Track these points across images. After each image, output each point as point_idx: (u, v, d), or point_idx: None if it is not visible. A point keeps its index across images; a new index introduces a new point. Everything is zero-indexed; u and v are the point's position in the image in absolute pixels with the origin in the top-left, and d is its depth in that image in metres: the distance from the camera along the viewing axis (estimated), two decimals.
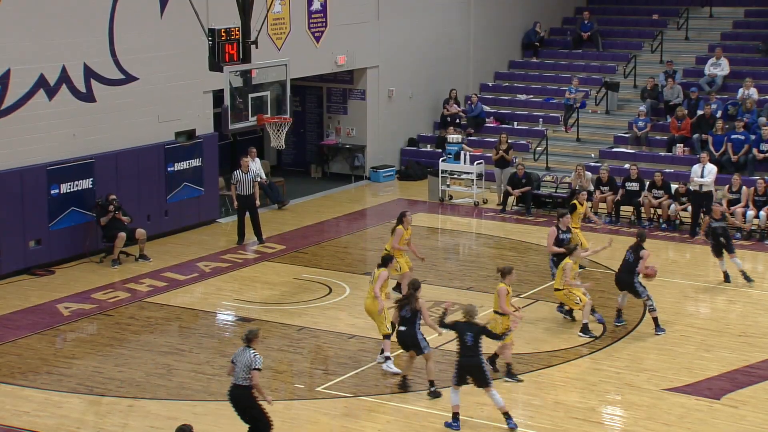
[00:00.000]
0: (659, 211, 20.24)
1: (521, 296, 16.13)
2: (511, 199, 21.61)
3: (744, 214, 19.36)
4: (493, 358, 13.07)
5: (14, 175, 17.04)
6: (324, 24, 22.69)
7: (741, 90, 22.99)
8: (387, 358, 13.19)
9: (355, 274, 17.15)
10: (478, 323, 11.72)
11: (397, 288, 15.61)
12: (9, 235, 16.98)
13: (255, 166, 21.61)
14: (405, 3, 24.60)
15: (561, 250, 15.15)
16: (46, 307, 15.79)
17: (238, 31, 14.90)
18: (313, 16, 22.45)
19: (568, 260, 14.46)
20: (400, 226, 15.33)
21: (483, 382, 11.55)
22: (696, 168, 19.46)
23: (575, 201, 16.83)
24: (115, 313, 15.55)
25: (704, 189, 19.21)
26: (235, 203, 18.97)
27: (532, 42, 27.88)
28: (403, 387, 12.67)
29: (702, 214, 19.35)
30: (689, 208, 19.74)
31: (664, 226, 20.06)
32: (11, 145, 17.06)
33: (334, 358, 13.83)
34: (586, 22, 27.69)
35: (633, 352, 13.93)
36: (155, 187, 19.24)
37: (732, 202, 19.55)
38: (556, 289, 14.57)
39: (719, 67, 24.33)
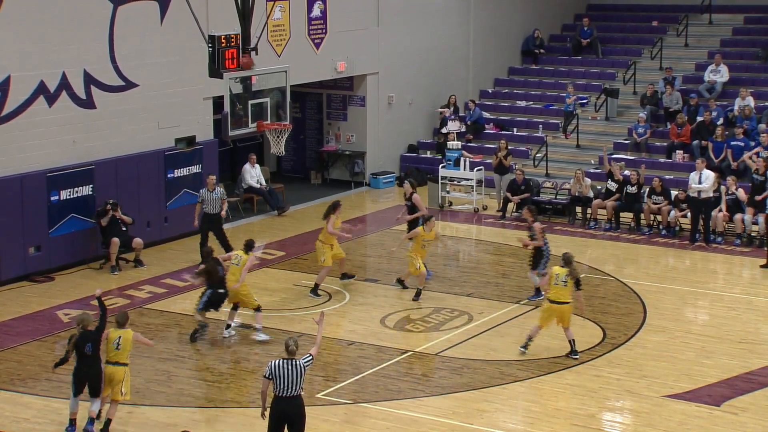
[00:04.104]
0: (659, 218, 20.23)
1: (520, 303, 16.14)
2: (510, 206, 21.61)
3: (743, 220, 19.36)
4: None
5: (14, 182, 17.05)
6: (324, 30, 22.72)
7: (737, 100, 22.99)
8: (258, 329, 14.58)
9: (355, 281, 17.13)
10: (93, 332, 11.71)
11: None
12: (9, 241, 16.98)
13: (255, 172, 21.65)
14: (405, 10, 24.63)
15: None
16: (46, 314, 15.78)
17: (238, 37, 14.92)
18: (312, 22, 22.48)
19: (420, 228, 16.07)
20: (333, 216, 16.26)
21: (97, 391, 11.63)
22: (693, 175, 19.43)
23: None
24: (115, 319, 15.50)
25: (702, 195, 19.19)
26: (195, 222, 18.32)
27: (531, 49, 27.91)
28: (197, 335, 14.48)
29: (701, 220, 19.37)
30: (689, 214, 19.74)
31: (663, 232, 20.05)
32: (11, 151, 17.07)
33: (333, 364, 13.82)
34: (585, 28, 27.72)
35: (633, 358, 13.92)
36: (155, 194, 19.24)
37: (732, 209, 19.52)
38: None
39: (719, 74, 24.35)
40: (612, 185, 20.52)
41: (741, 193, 19.43)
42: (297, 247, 19.42)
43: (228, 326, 14.72)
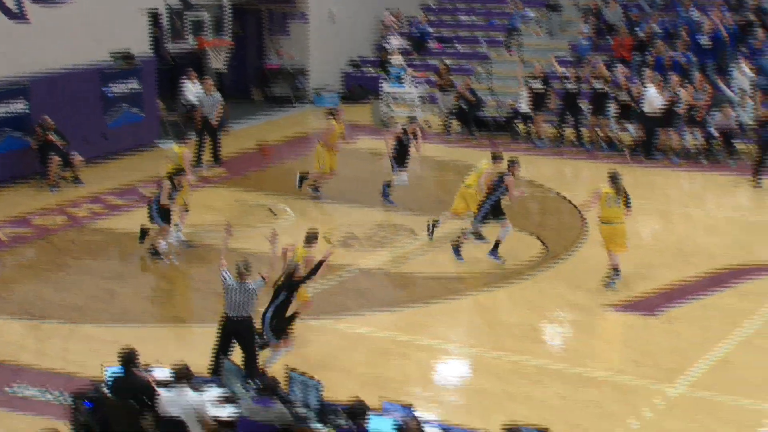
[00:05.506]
0: (599, 132, 20.38)
1: (464, 219, 16.22)
2: (455, 123, 21.60)
3: (680, 135, 19.55)
4: None
5: None
6: None
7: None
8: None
9: (299, 199, 17.07)
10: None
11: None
12: None
13: (196, 89, 21.24)
14: None
15: (390, 148, 16.59)
16: None
17: None
18: None
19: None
20: (333, 122, 16.45)
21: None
22: (652, 90, 19.25)
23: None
24: (55, 237, 15.31)
25: (655, 111, 19.17)
26: (198, 125, 18.74)
27: None
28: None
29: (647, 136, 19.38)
30: (631, 129, 19.87)
31: (605, 148, 20.23)
32: None
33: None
34: None
35: (573, 271, 14.09)
36: (93, 111, 18.84)
37: (670, 119, 19.54)
38: None
39: None
40: (536, 84, 20.40)
41: (684, 94, 19.27)
42: (239, 165, 19.22)
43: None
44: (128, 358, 8.95)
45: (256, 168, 19.04)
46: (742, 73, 20.49)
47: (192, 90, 21.10)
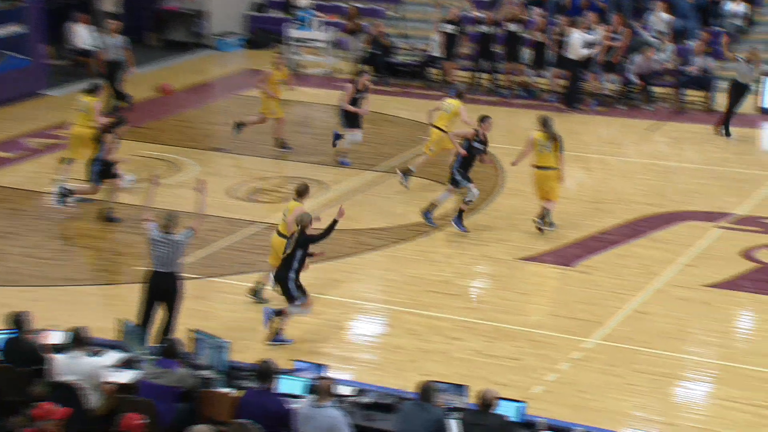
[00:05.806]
0: (516, 78, 20.01)
1: (373, 169, 15.72)
2: (367, 68, 21.00)
3: (599, 80, 19.28)
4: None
5: None
6: None
7: None
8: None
9: (202, 150, 16.32)
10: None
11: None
12: None
13: (88, 33, 20.12)
14: None
15: (354, 109, 15.42)
16: None
17: None
18: None
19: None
20: (273, 68, 16.01)
21: None
22: (575, 36, 18.86)
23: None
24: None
25: (578, 56, 18.77)
26: (96, 71, 18.03)
27: None
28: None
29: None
30: (548, 74, 19.44)
31: (523, 94, 19.90)
32: None
33: None
34: None
35: (489, 223, 13.82)
36: None
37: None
38: None
39: None
40: (448, 27, 19.94)
41: (602, 34, 18.93)
42: (136, 114, 18.27)
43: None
44: (20, 322, 8.63)
45: (155, 118, 18.16)
46: (659, 18, 20.34)
47: (82, 35, 19.93)
